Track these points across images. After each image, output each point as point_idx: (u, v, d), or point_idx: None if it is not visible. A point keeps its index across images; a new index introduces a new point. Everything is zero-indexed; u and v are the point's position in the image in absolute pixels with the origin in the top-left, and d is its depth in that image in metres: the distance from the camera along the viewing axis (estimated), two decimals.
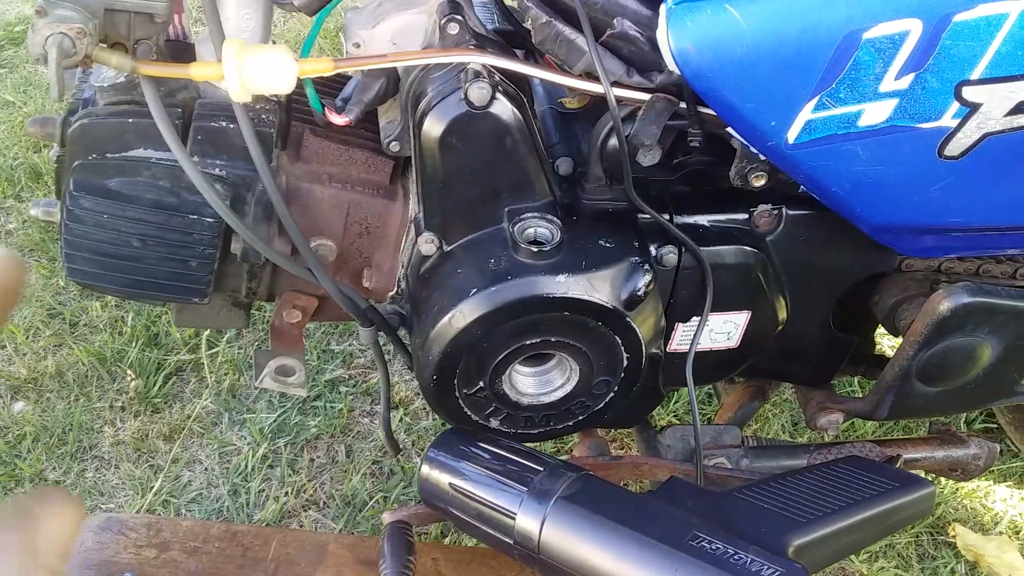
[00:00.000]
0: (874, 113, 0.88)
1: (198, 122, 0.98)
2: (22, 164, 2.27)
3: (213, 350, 1.82)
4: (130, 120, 0.97)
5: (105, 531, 1.05)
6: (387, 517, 1.05)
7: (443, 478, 0.97)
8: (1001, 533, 1.68)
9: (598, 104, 0.96)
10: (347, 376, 1.84)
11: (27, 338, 1.84)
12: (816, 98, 0.87)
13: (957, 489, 1.74)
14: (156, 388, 1.76)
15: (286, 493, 1.62)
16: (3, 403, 1.73)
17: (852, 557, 1.59)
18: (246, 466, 1.65)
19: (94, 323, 1.88)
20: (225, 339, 1.85)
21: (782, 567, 0.77)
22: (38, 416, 1.71)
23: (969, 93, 0.86)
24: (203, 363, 1.80)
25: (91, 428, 1.71)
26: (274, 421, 1.72)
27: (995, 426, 1.81)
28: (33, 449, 1.66)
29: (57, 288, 1.94)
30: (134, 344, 1.81)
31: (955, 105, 0.87)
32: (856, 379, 1.82)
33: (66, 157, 0.99)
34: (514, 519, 0.90)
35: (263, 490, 1.63)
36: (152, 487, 1.61)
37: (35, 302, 1.92)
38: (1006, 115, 0.88)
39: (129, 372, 1.78)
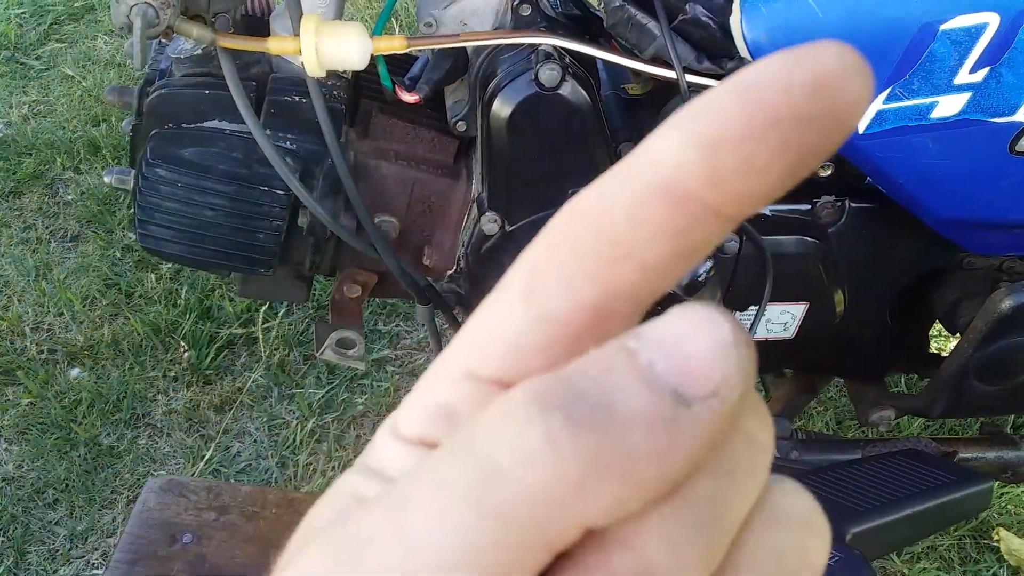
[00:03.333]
0: (947, 106, 0.88)
1: (271, 96, 1.00)
2: (80, 137, 2.31)
3: (267, 324, 1.85)
4: (206, 92, 0.99)
5: (167, 492, 1.08)
6: None
7: None
8: None
9: (662, 90, 0.97)
10: (393, 356, 1.86)
11: (84, 307, 1.89)
12: (889, 88, 0.87)
13: (1002, 493, 1.72)
14: (208, 360, 1.79)
15: (333, 468, 1.64)
16: (60, 369, 1.77)
17: (894, 557, 1.58)
18: (294, 440, 1.68)
19: (149, 294, 1.91)
20: (279, 315, 1.88)
21: (841, 553, 0.77)
22: (93, 383, 1.75)
23: None
24: (256, 336, 1.83)
25: (144, 396, 1.74)
26: (322, 397, 1.75)
27: None
28: (88, 415, 1.69)
29: (113, 259, 1.98)
30: (188, 316, 1.85)
31: None
32: (902, 378, 1.81)
33: (142, 126, 1.01)
34: None
35: (311, 463, 1.66)
36: (203, 456, 1.64)
37: (92, 272, 1.96)
38: None
39: (182, 343, 1.81)
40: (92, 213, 2.09)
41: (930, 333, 1.34)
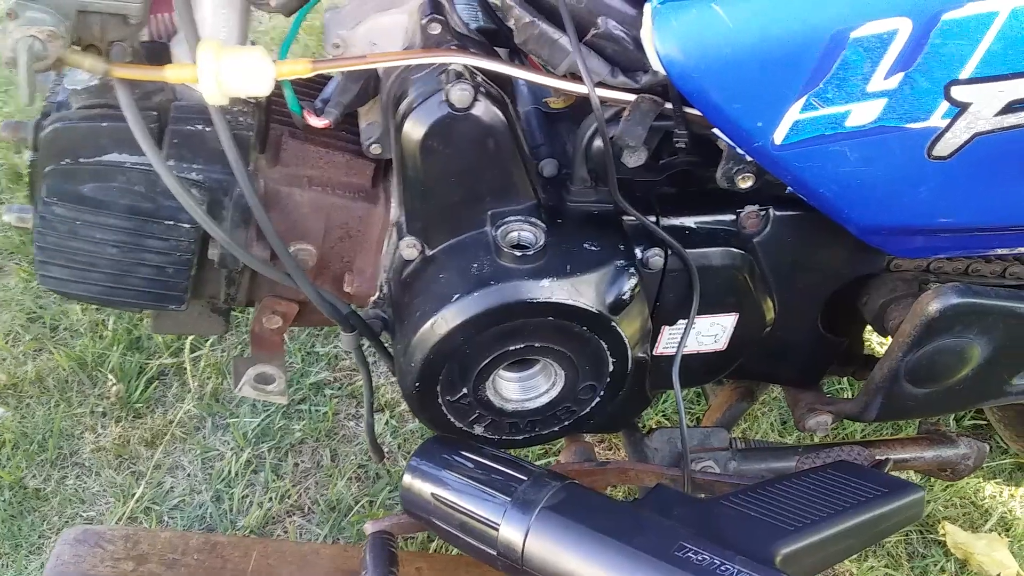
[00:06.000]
0: (862, 113, 0.87)
1: (174, 125, 0.96)
2: (2, 166, 2.23)
3: (196, 354, 1.80)
4: (104, 124, 0.95)
5: (81, 544, 1.03)
6: (369, 527, 1.03)
7: (425, 488, 0.95)
8: (991, 531, 1.67)
9: (583, 104, 0.95)
10: (332, 379, 1.82)
11: (6, 343, 1.82)
12: (803, 98, 0.85)
13: (947, 487, 1.73)
14: (138, 393, 1.73)
15: (270, 499, 1.60)
16: None
17: None
18: (229, 472, 1.63)
19: (75, 327, 1.85)
20: (208, 343, 1.82)
21: None
22: (17, 422, 1.68)
23: (958, 92, 0.85)
24: (185, 367, 1.77)
25: (72, 434, 1.68)
26: (258, 425, 1.70)
27: (985, 423, 1.80)
28: (13, 456, 1.63)
29: (37, 292, 1.91)
30: (115, 348, 1.79)
31: (944, 105, 0.86)
32: (845, 379, 1.82)
33: (39, 162, 0.96)
34: (497, 530, 0.89)
35: (247, 496, 1.61)
36: (134, 494, 1.59)
37: (15, 306, 1.89)
38: (996, 114, 0.87)
39: (110, 377, 1.76)
40: (14, 244, 2.02)
41: (866, 335, 1.34)
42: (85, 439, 1.67)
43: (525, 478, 0.92)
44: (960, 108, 0.86)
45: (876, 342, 1.80)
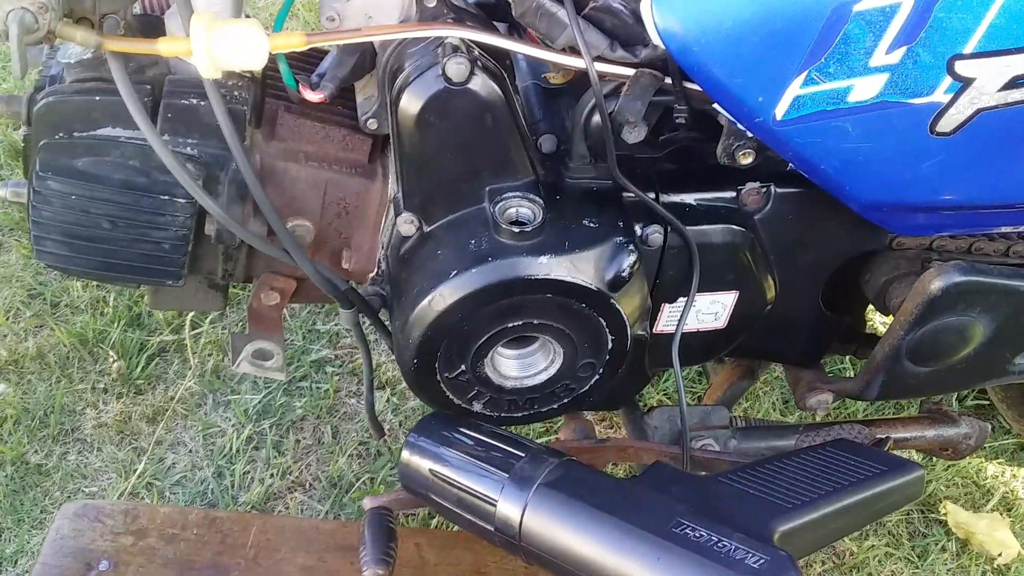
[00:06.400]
0: (864, 88, 0.86)
1: (168, 99, 0.96)
2: (2, 142, 2.23)
3: (197, 331, 1.80)
4: (97, 98, 0.94)
5: (81, 518, 1.04)
6: (367, 503, 1.03)
7: (423, 464, 0.95)
8: (992, 510, 1.67)
9: (583, 80, 0.93)
10: (333, 356, 1.82)
11: (7, 319, 1.82)
12: (804, 73, 0.84)
13: (948, 467, 1.73)
14: (139, 369, 1.73)
15: (271, 475, 1.60)
16: None
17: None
18: (231, 448, 1.63)
19: (75, 303, 1.85)
20: (209, 320, 1.82)
21: (766, 555, 0.75)
22: (19, 398, 1.68)
23: (962, 67, 0.84)
24: (186, 344, 1.77)
25: (73, 410, 1.68)
26: (259, 402, 1.70)
27: (987, 403, 1.80)
28: (14, 432, 1.63)
29: (37, 268, 1.91)
30: (116, 325, 1.79)
31: (947, 80, 0.85)
32: (848, 357, 1.81)
33: (32, 136, 0.96)
34: (495, 506, 0.89)
35: (248, 472, 1.61)
36: (135, 470, 1.59)
37: (15, 282, 1.89)
38: (1000, 90, 0.86)
39: (111, 353, 1.76)
40: (14, 220, 2.01)
41: (868, 314, 1.33)
42: (87, 415, 1.68)
43: (523, 455, 0.92)
44: (963, 83, 0.85)
45: (878, 321, 1.79)
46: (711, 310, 1.08)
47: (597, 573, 0.82)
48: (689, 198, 1.03)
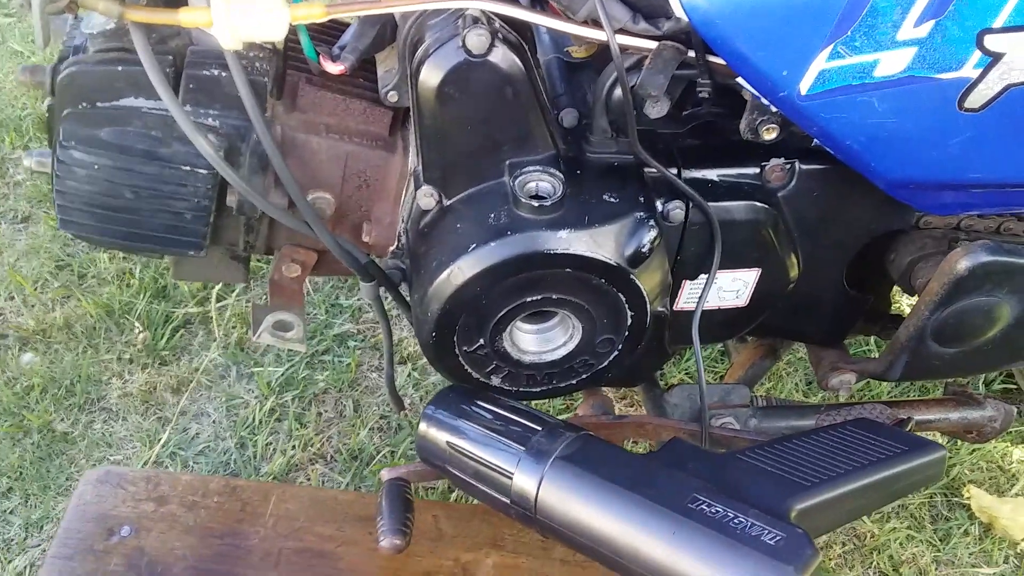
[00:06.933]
0: (891, 63, 0.84)
1: (190, 70, 0.96)
2: (30, 114, 2.25)
3: (222, 303, 1.82)
4: (120, 68, 0.94)
5: (104, 484, 1.05)
6: (385, 475, 1.04)
7: (441, 436, 0.95)
8: (1017, 495, 1.65)
9: (605, 53, 0.92)
10: (355, 331, 1.83)
11: (35, 289, 1.84)
12: (831, 46, 0.83)
13: (973, 450, 1.71)
14: (164, 341, 1.75)
15: (293, 447, 1.62)
16: (12, 354, 1.73)
17: (864, 518, 1.57)
18: (254, 419, 1.65)
19: (102, 275, 1.87)
20: (234, 293, 1.84)
21: (782, 532, 0.75)
22: (46, 367, 1.71)
23: (991, 42, 0.82)
24: (211, 316, 1.79)
25: (99, 380, 1.71)
26: (282, 375, 1.72)
27: (1014, 386, 1.77)
28: (41, 400, 1.66)
29: (65, 240, 1.93)
30: (142, 296, 1.81)
31: (976, 54, 0.83)
32: (872, 338, 1.79)
33: (56, 106, 0.96)
34: (511, 479, 0.89)
35: (270, 443, 1.63)
36: (160, 439, 1.61)
37: (43, 253, 1.91)
38: None
39: (137, 324, 1.78)
40: (42, 192, 2.03)
41: (892, 294, 1.32)
42: (112, 385, 1.70)
43: (540, 428, 0.92)
44: (993, 58, 0.83)
45: (903, 301, 1.77)
46: (732, 288, 1.08)
47: (611, 547, 0.82)
48: (711, 174, 1.01)
